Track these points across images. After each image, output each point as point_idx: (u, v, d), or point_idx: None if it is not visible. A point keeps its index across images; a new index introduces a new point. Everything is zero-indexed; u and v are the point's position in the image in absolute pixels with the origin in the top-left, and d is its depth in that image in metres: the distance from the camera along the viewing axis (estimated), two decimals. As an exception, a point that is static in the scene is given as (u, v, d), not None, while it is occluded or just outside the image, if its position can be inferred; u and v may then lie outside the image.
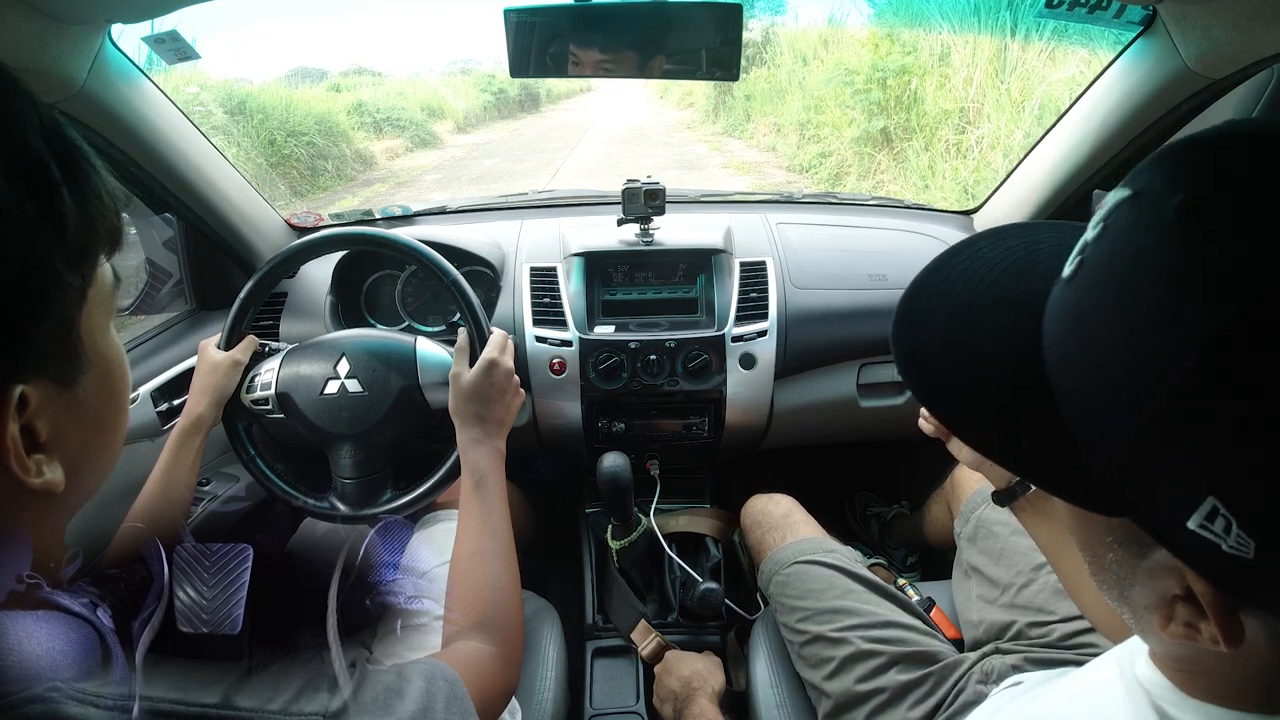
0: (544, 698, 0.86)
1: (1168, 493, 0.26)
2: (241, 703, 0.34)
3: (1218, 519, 0.24)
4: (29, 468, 0.31)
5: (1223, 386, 0.23)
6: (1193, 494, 0.25)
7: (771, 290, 1.14)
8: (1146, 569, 0.30)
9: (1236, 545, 0.24)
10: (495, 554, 0.72)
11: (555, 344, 1.10)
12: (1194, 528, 0.25)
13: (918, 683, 0.78)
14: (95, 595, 0.34)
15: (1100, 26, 0.86)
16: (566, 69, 0.85)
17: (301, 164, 7.12)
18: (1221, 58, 0.79)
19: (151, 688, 0.32)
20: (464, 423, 0.81)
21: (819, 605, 0.87)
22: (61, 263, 0.31)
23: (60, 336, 0.32)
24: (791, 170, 6.59)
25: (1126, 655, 0.39)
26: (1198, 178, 0.24)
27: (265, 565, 0.39)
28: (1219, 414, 0.23)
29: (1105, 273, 0.27)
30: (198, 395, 0.86)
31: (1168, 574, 0.29)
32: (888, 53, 5.51)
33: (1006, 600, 0.86)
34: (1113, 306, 0.26)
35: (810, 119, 6.64)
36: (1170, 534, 0.27)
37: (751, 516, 1.09)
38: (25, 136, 0.29)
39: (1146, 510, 0.27)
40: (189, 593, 0.37)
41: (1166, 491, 0.26)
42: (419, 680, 0.45)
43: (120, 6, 0.77)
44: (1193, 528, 0.25)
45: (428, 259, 0.88)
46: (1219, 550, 0.25)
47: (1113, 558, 0.32)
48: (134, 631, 0.34)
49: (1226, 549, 0.24)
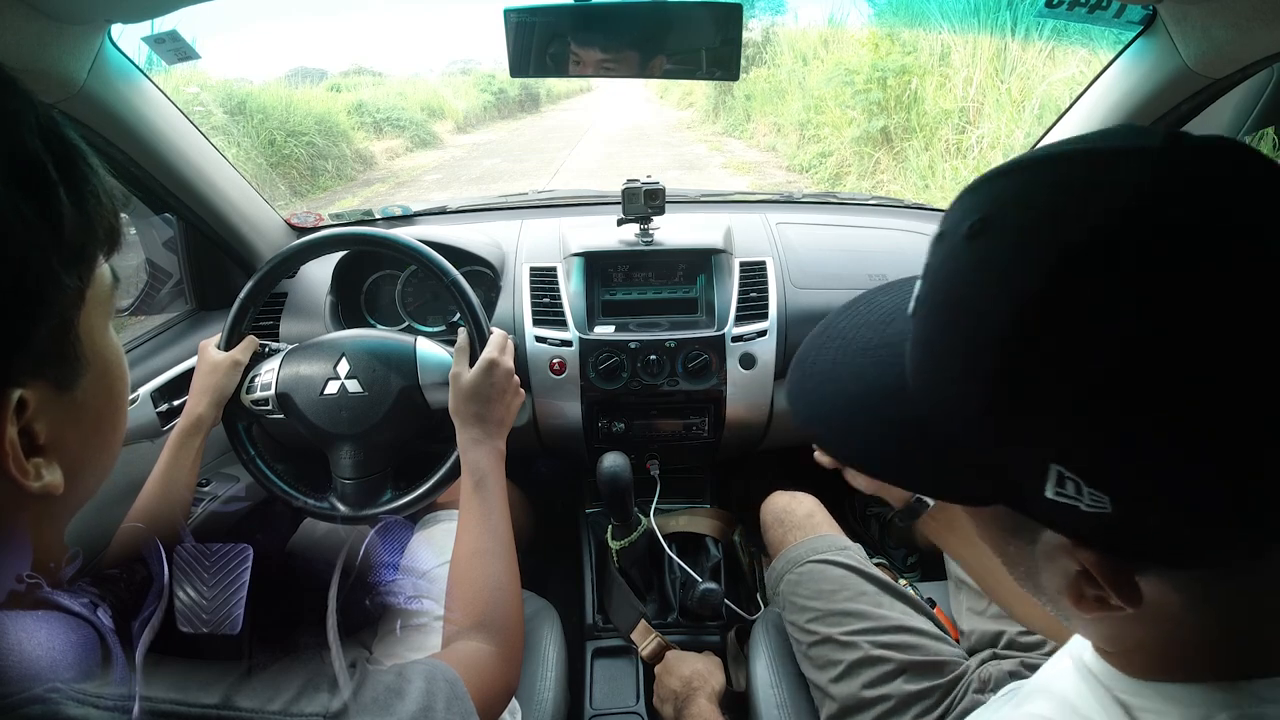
0: (544, 698, 0.86)
1: (1020, 471, 0.29)
2: (242, 703, 0.34)
3: (1067, 483, 0.27)
4: (28, 471, 0.31)
5: (1022, 368, 0.27)
6: (1038, 466, 0.28)
7: (771, 290, 1.14)
8: (1044, 553, 0.32)
9: (1093, 503, 0.27)
10: (495, 554, 0.72)
11: (555, 344, 1.10)
12: (1052, 496, 0.28)
13: (925, 694, 0.77)
14: (95, 595, 0.34)
15: (1100, 26, 0.86)
16: (566, 69, 0.85)
17: (301, 164, 7.12)
18: (1221, 57, 0.79)
19: (151, 688, 0.32)
20: (464, 423, 0.81)
21: (830, 606, 0.87)
22: (59, 263, 0.30)
23: (59, 338, 0.32)
24: (791, 170, 6.59)
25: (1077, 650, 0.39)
26: (979, 210, 0.30)
27: (265, 565, 0.39)
28: (1029, 391, 0.27)
29: (931, 299, 0.32)
30: (198, 395, 0.86)
31: (1061, 553, 0.31)
32: (888, 52, 5.51)
33: (995, 611, 0.86)
34: (940, 324, 0.31)
35: (810, 119, 6.64)
36: (1037, 509, 0.29)
37: (773, 513, 1.08)
38: (22, 136, 0.29)
39: (1013, 493, 0.30)
40: (189, 593, 0.37)
41: (1019, 471, 0.29)
42: (419, 680, 0.45)
43: (120, 6, 0.77)
44: (1051, 497, 0.28)
45: (428, 259, 0.88)
46: (1081, 512, 0.27)
47: (1014, 549, 0.34)
48: (134, 631, 0.34)
49: (1086, 509, 0.27)
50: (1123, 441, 0.26)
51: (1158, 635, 0.33)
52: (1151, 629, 0.32)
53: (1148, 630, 0.33)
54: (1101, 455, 0.26)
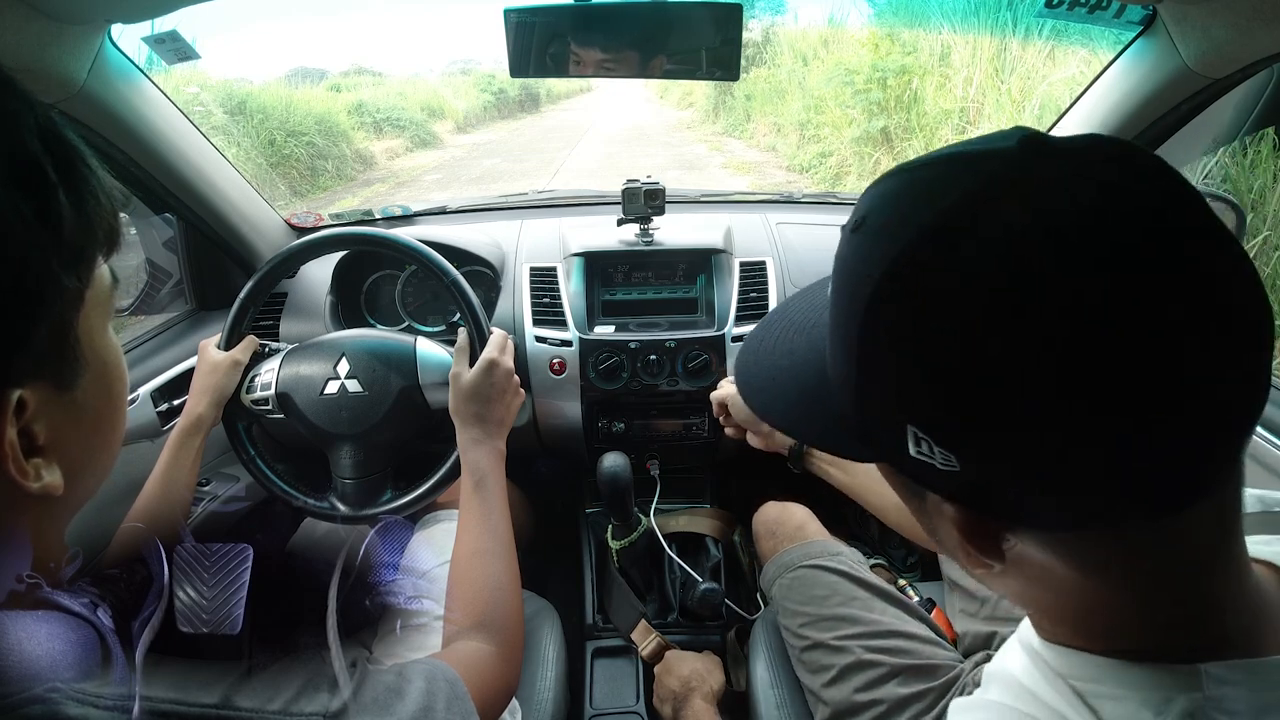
0: (544, 698, 0.86)
1: (888, 432, 0.32)
2: (241, 703, 0.34)
3: (922, 442, 0.30)
4: (28, 472, 0.31)
5: (875, 336, 0.31)
6: (898, 428, 0.31)
7: (771, 290, 1.14)
8: (933, 509, 0.35)
9: (945, 462, 0.30)
10: (495, 554, 0.72)
11: (555, 344, 1.10)
12: (915, 455, 0.31)
13: (917, 697, 0.77)
14: (95, 595, 0.34)
15: (1100, 26, 0.86)
16: (567, 69, 0.85)
17: (301, 164, 7.11)
18: (1222, 58, 0.79)
19: (151, 688, 0.32)
20: (464, 423, 0.81)
21: (821, 612, 0.87)
22: (59, 264, 0.30)
23: (58, 339, 0.32)
24: (792, 170, 6.59)
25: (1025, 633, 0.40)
26: (863, 208, 0.33)
27: (265, 565, 0.39)
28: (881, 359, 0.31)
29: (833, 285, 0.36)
30: (198, 395, 0.86)
31: (941, 508, 0.33)
32: (888, 53, 5.51)
33: (986, 613, 0.86)
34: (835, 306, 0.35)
35: (810, 119, 6.64)
36: (908, 467, 0.32)
37: (765, 525, 1.08)
38: (21, 137, 0.29)
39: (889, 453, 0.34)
40: (189, 593, 0.37)
41: (887, 431, 0.32)
42: (419, 680, 0.45)
43: (120, 6, 0.77)
44: (914, 456, 0.31)
45: (428, 259, 0.88)
46: (936, 469, 0.30)
47: (914, 505, 0.37)
48: (134, 631, 0.34)
49: (941, 467, 0.30)
50: (949, 407, 0.29)
51: (1061, 601, 0.34)
52: (1050, 594, 0.34)
53: (1046, 594, 0.35)
54: (941, 419, 0.29)
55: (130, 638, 0.33)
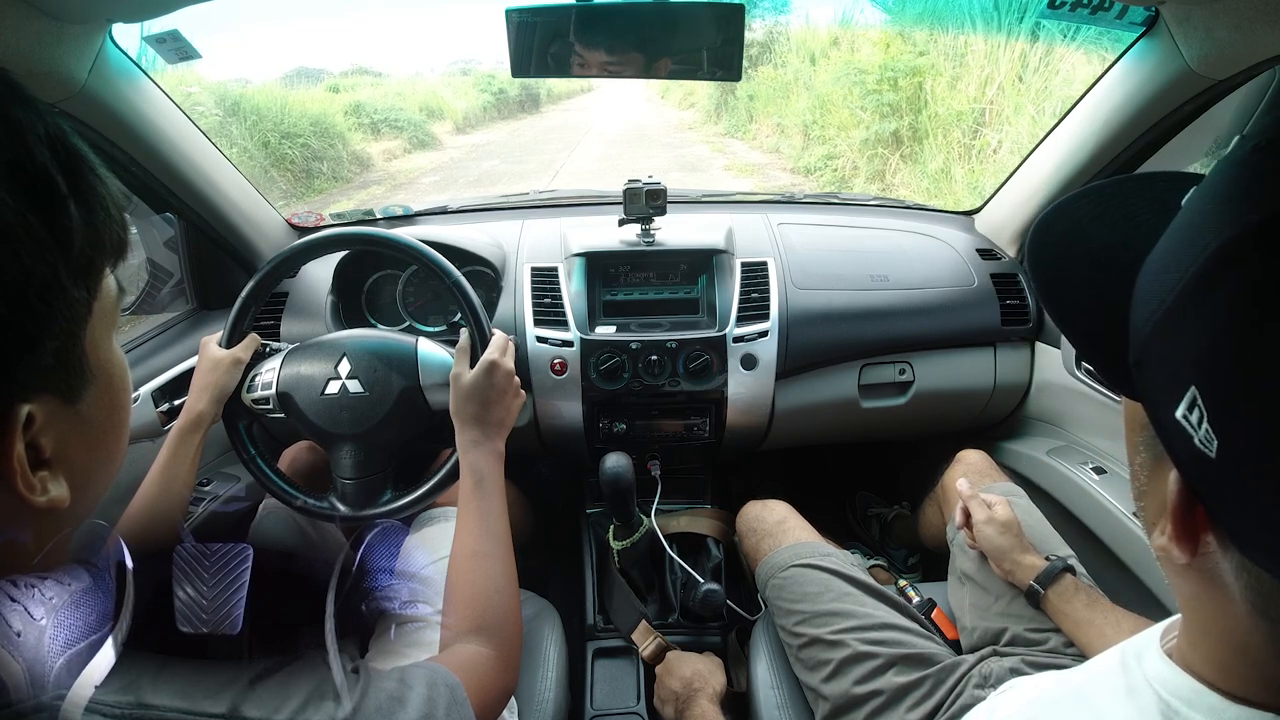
0: (545, 698, 0.86)
1: (1164, 378, 0.29)
2: (249, 712, 0.34)
3: (1195, 409, 0.27)
4: (34, 486, 0.30)
5: (1223, 285, 0.26)
6: (1180, 382, 0.27)
7: (773, 291, 1.13)
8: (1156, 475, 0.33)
9: (1204, 441, 0.27)
10: (494, 556, 0.72)
11: (556, 344, 1.10)
12: (1179, 417, 0.28)
13: (915, 685, 0.78)
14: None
15: (1102, 27, 0.86)
16: (568, 69, 0.85)
17: (296, 166, 7.03)
18: (1224, 58, 0.79)
19: (158, 696, 0.32)
20: (463, 424, 0.80)
21: (815, 608, 0.87)
22: (67, 276, 0.30)
23: (66, 351, 0.31)
24: (796, 173, 6.54)
25: (1133, 650, 0.38)
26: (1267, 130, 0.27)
27: (265, 565, 0.39)
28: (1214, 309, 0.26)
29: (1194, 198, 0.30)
30: (198, 392, 0.86)
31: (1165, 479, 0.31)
32: (900, 53, 5.46)
33: (1000, 609, 0.86)
34: (1185, 220, 0.30)
35: (816, 119, 6.56)
36: (1163, 422, 0.29)
37: (746, 523, 1.08)
38: (30, 148, 0.29)
39: (1151, 394, 0.30)
40: (189, 593, 0.37)
41: (1164, 377, 0.29)
42: (421, 687, 0.45)
43: (121, 6, 0.77)
44: (1178, 417, 0.28)
45: (429, 259, 0.88)
46: (1192, 443, 0.27)
47: (1140, 463, 0.34)
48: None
49: (1197, 443, 0.27)
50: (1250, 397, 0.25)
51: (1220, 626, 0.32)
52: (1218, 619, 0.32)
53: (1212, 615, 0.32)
54: (1234, 401, 0.26)
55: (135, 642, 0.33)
